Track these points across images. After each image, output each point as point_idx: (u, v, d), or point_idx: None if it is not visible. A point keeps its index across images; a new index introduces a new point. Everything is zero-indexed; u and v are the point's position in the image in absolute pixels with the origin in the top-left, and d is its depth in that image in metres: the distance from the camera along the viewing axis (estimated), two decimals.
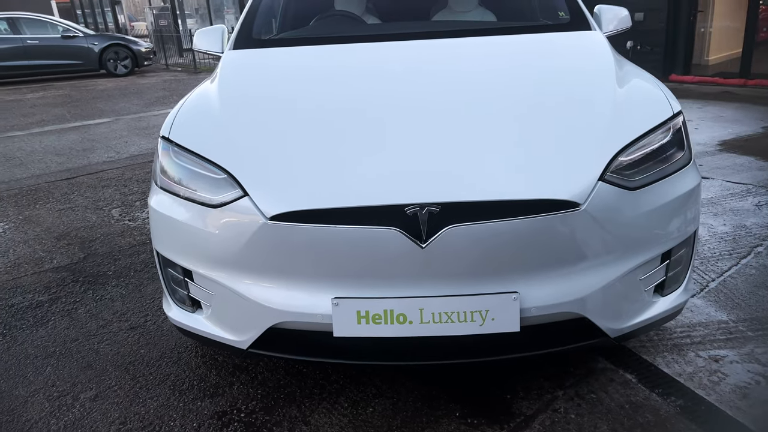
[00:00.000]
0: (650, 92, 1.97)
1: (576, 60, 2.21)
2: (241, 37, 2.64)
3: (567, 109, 1.84)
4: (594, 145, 1.69)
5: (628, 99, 1.90)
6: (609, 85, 1.95)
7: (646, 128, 1.76)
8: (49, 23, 13.15)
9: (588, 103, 1.87)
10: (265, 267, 1.66)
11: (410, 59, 2.25)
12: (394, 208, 1.54)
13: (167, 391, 2.07)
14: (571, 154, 1.66)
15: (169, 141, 1.91)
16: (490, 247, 1.55)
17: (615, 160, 1.66)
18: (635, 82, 2.05)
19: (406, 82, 2.04)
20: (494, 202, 1.54)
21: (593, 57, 2.21)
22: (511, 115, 1.81)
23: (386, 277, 1.59)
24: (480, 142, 1.70)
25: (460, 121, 1.78)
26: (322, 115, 1.88)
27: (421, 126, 1.77)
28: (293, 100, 2.00)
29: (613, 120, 1.78)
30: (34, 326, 2.56)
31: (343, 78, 2.14)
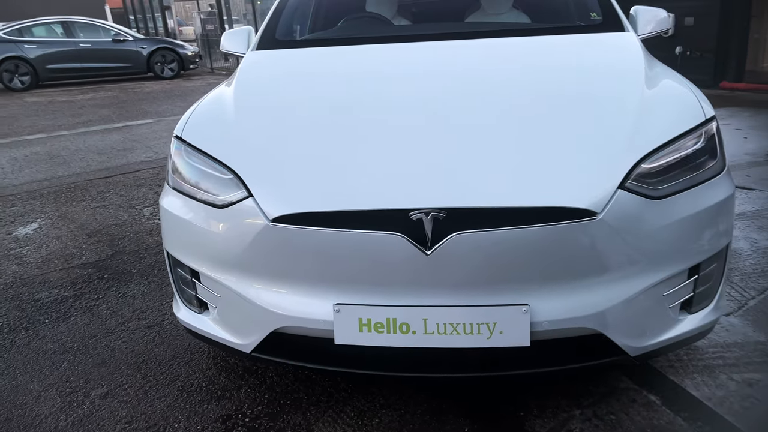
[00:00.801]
0: (681, 95, 1.86)
1: (603, 61, 2.10)
2: (265, 38, 2.63)
3: (589, 112, 1.74)
4: (615, 150, 1.59)
5: (656, 102, 1.79)
6: (636, 86, 1.84)
7: (675, 133, 1.65)
8: (101, 27, 13.61)
9: (612, 106, 1.77)
10: (268, 270, 1.62)
11: (431, 60, 2.19)
12: (398, 212, 1.48)
13: (176, 391, 2.06)
14: (590, 159, 1.57)
15: (182, 140, 1.90)
16: (499, 256, 1.47)
17: (638, 166, 1.56)
18: (666, 83, 1.93)
19: (422, 84, 1.98)
20: (504, 209, 1.46)
21: (622, 58, 2.10)
22: (528, 117, 1.73)
23: (389, 284, 1.53)
24: (493, 145, 1.62)
25: (474, 123, 1.71)
26: (334, 117, 1.84)
27: (433, 129, 1.70)
28: (306, 102, 1.96)
29: (638, 123, 1.68)
30: (57, 321, 2.60)
31: (358, 79, 2.10)
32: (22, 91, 12.51)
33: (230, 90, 2.11)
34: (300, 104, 1.95)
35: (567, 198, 1.47)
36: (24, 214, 4.19)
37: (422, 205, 1.47)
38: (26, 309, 2.74)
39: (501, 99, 1.83)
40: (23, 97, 11.64)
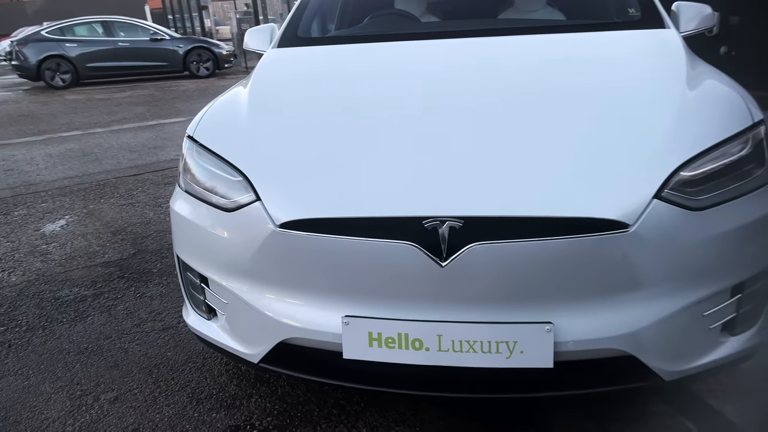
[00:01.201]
0: (726, 97, 1.71)
1: (641, 59, 1.96)
2: (286, 35, 2.56)
3: (624, 114, 1.61)
4: (652, 155, 1.46)
5: (698, 103, 1.65)
6: (677, 87, 1.70)
7: (719, 138, 1.51)
8: (140, 27, 13.84)
9: (650, 107, 1.63)
10: (276, 278, 1.54)
11: (455, 59, 2.08)
12: (411, 221, 1.38)
13: (185, 398, 2.00)
14: (624, 165, 1.44)
15: (194, 140, 1.84)
16: (521, 269, 1.36)
17: (676, 174, 1.42)
18: (709, 84, 1.79)
19: (445, 84, 1.88)
20: (526, 219, 1.35)
21: (661, 56, 1.95)
22: (557, 119, 1.60)
23: (402, 296, 1.43)
24: (517, 149, 1.51)
25: (498, 126, 1.60)
26: (349, 119, 1.75)
27: (453, 132, 1.60)
28: (321, 103, 1.88)
29: (678, 127, 1.54)
30: (74, 321, 2.58)
31: (377, 78, 2.00)
32: (63, 89, 12.80)
33: (246, 89, 2.04)
34: (315, 105, 1.87)
35: (597, 208, 1.35)
36: (53, 211, 4.22)
37: (437, 213, 1.37)
38: (46, 307, 2.73)
39: (529, 100, 1.72)
40: (64, 94, 11.90)
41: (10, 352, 2.35)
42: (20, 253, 3.43)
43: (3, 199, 4.58)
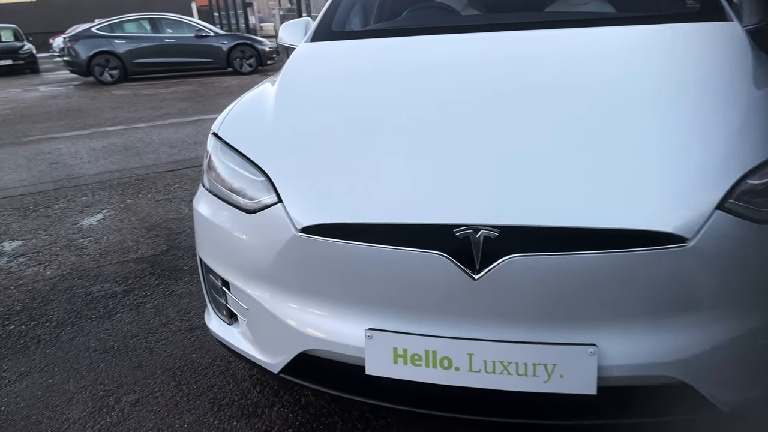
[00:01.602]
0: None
1: (700, 55, 1.79)
2: (320, 29, 2.47)
3: (681, 115, 1.45)
4: (714, 161, 1.31)
5: (766, 104, 1.47)
6: (741, 86, 1.53)
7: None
8: (185, 23, 14.06)
9: (711, 109, 1.47)
10: (297, 285, 1.45)
11: (495, 53, 1.95)
12: (441, 228, 1.26)
13: (206, 404, 1.93)
14: (681, 172, 1.29)
15: (219, 138, 1.76)
16: (563, 286, 1.23)
17: (742, 182, 1.27)
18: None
19: (484, 81, 1.75)
20: (569, 230, 1.22)
21: (723, 51, 1.78)
22: (607, 120, 1.46)
23: (430, 310, 1.32)
24: (559, 153, 1.37)
25: (540, 126, 1.46)
26: (378, 118, 1.63)
27: (490, 133, 1.47)
28: (350, 100, 1.77)
29: (743, 130, 1.38)
30: (102, 318, 2.56)
31: (410, 75, 1.88)
32: (111, 85, 13.12)
33: (273, 87, 1.96)
34: (343, 103, 1.76)
35: (651, 219, 1.21)
36: (92, 205, 4.26)
37: (470, 220, 1.25)
38: (76, 303, 2.72)
39: (576, 98, 1.57)
40: (111, 90, 12.19)
41: (39, 348, 2.34)
42: (57, 247, 3.45)
43: (46, 192, 4.65)
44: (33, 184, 4.92)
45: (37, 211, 4.19)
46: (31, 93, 12.41)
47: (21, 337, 2.43)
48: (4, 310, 2.68)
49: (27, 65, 17.98)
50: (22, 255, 3.35)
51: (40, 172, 5.32)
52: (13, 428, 1.87)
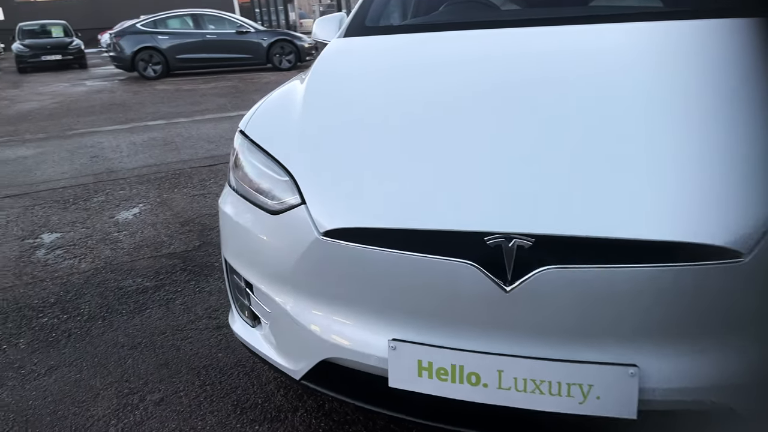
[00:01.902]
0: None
1: (760, 52, 1.65)
2: (354, 24, 2.40)
3: (738, 119, 1.34)
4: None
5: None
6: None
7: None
8: (227, 19, 14.22)
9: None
10: (319, 290, 1.39)
11: (536, 50, 1.85)
12: (471, 236, 1.18)
13: (229, 406, 1.90)
14: (738, 181, 1.18)
15: (245, 136, 1.72)
16: (602, 301, 1.13)
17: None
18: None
19: (519, 79, 1.65)
20: (610, 241, 1.12)
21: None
22: (652, 124, 1.35)
23: (458, 322, 1.24)
24: (601, 158, 1.27)
25: (578, 130, 1.37)
26: (408, 119, 1.56)
27: (526, 136, 1.38)
28: (381, 99, 1.69)
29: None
30: (132, 313, 2.56)
31: (443, 73, 1.79)
32: (154, 80, 13.37)
33: (303, 83, 1.91)
34: (373, 101, 1.69)
35: (700, 232, 1.10)
36: (129, 199, 4.31)
37: (502, 228, 1.16)
38: (108, 297, 2.73)
39: (619, 98, 1.47)
40: (154, 85, 12.42)
41: (69, 342, 2.35)
42: (93, 240, 3.50)
43: (86, 186, 4.74)
44: (74, 177, 5.02)
45: (76, 203, 4.26)
46: (78, 87, 12.75)
47: (53, 330, 2.45)
48: (39, 302, 2.72)
49: (76, 60, 18.49)
50: (59, 247, 3.40)
51: (82, 165, 5.42)
52: (40, 423, 1.87)
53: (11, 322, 2.54)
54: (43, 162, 5.65)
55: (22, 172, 5.31)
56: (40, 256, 3.28)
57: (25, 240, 3.57)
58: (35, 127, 7.79)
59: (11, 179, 5.06)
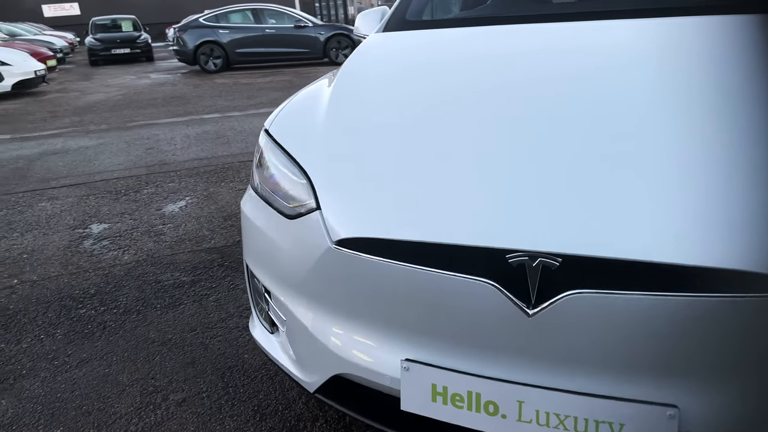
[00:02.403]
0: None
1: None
2: (394, 18, 2.30)
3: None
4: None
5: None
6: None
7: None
8: (286, 14, 14.36)
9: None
10: (333, 302, 1.31)
11: (588, 47, 1.69)
12: (491, 253, 1.07)
13: (249, 411, 1.85)
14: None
15: (269, 134, 1.66)
16: (638, 332, 1.00)
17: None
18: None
19: (562, 81, 1.51)
20: (646, 265, 0.99)
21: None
22: (701, 133, 1.20)
23: (476, 345, 1.13)
24: (641, 172, 1.13)
25: (620, 140, 1.22)
26: (434, 123, 1.44)
27: (560, 146, 1.24)
28: (409, 100, 1.57)
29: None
30: (167, 308, 2.57)
31: (478, 73, 1.65)
32: (214, 73, 13.66)
33: (332, 81, 1.83)
34: (401, 102, 1.57)
35: (753, 259, 0.95)
36: (177, 191, 4.37)
37: (527, 246, 1.05)
38: (145, 290, 2.75)
39: (674, 106, 1.31)
40: (214, 78, 12.69)
41: (103, 335, 2.37)
42: (138, 232, 3.55)
43: (138, 177, 4.84)
44: (128, 168, 5.14)
45: (127, 195, 4.36)
46: (143, 80, 13.18)
47: (89, 321, 2.48)
48: (80, 293, 2.77)
49: (143, 53, 19.15)
50: (105, 238, 3.47)
51: (137, 157, 5.56)
52: (65, 417, 1.88)
53: (52, 311, 2.59)
54: (102, 153, 5.83)
55: (82, 162, 5.50)
56: (86, 246, 3.36)
57: (75, 229, 3.66)
58: (99, 118, 8.07)
59: (71, 169, 5.24)
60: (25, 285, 2.88)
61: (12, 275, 3.01)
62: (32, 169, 5.34)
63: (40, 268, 3.08)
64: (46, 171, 5.22)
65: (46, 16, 33.82)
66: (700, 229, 1.00)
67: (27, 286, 2.86)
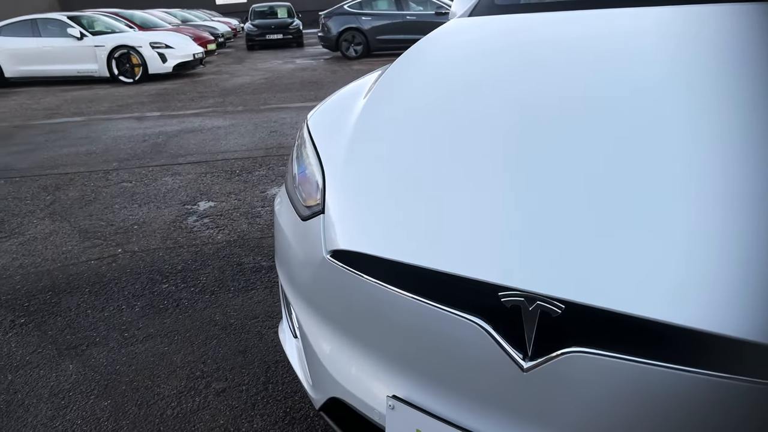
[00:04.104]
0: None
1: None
2: (483, 1, 2.08)
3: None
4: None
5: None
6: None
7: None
8: (429, 1, 14.23)
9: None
10: (332, 318, 1.18)
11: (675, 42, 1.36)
12: (481, 287, 0.87)
13: (281, 413, 1.79)
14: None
15: (308, 127, 1.55)
16: (655, 409, 0.76)
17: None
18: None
19: (636, 88, 1.22)
20: (675, 329, 0.73)
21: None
22: (750, 165, 0.88)
23: (463, 392, 0.94)
24: (680, 214, 0.84)
25: (657, 171, 0.94)
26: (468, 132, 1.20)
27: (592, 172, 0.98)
28: (451, 104, 1.34)
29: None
30: (239, 291, 2.59)
31: (538, 72, 1.35)
32: (354, 60, 13.95)
33: (384, 72, 1.67)
34: (440, 107, 1.35)
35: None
36: (285, 175, 4.46)
37: (522, 285, 0.83)
38: (225, 271, 2.81)
39: (733, 121, 0.99)
40: (352, 65, 12.95)
41: (174, 312, 2.45)
42: (238, 213, 3.66)
43: (254, 159, 5.03)
44: (249, 150, 5.36)
45: (240, 175, 4.53)
46: (288, 65, 13.81)
47: (167, 297, 2.58)
48: (169, 268, 2.89)
49: (294, 39, 20.12)
50: (207, 216, 3.62)
51: (259, 139, 5.78)
52: (115, 391, 1.95)
53: (139, 283, 2.73)
54: (231, 133, 6.15)
55: (211, 141, 5.84)
56: (189, 223, 3.52)
57: (185, 205, 3.87)
58: (239, 99, 8.57)
59: (200, 147, 5.58)
60: (126, 255, 3.07)
61: (119, 244, 3.23)
62: (168, 144, 5.76)
63: (144, 239, 3.28)
64: (178, 147, 5.61)
65: (218, 3, 36.84)
66: (748, 297, 0.72)
67: (127, 257, 3.05)
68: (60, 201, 4.09)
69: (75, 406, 1.88)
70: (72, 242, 3.29)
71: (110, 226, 3.52)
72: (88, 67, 11.70)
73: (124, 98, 9.40)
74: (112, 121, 7.26)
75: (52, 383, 2.00)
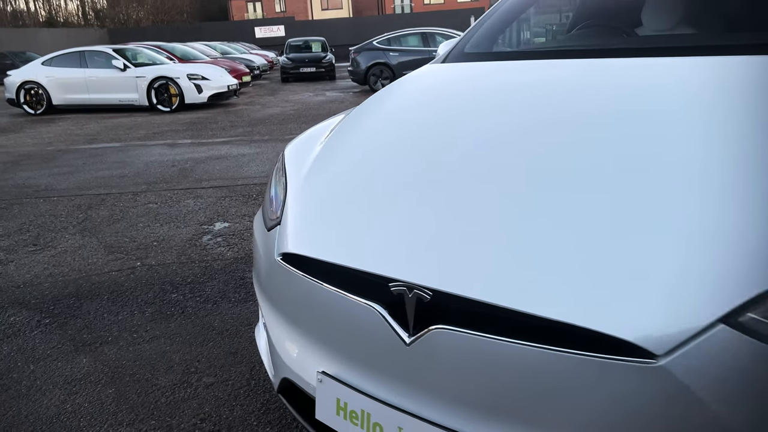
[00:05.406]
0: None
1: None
2: (455, 49, 2.36)
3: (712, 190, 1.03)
4: (741, 258, 0.90)
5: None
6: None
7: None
8: (454, 38, 14.66)
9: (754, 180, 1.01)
10: (283, 310, 1.43)
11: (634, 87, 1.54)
12: (379, 280, 1.12)
13: (258, 404, 2.03)
14: (690, 265, 0.92)
15: (284, 157, 1.84)
16: (496, 376, 0.99)
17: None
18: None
19: (565, 128, 1.44)
20: (510, 313, 0.97)
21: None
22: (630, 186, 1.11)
23: (370, 366, 1.18)
24: (547, 225, 1.08)
25: (548, 192, 1.18)
26: (409, 159, 1.45)
27: (494, 194, 1.22)
28: (397, 134, 1.62)
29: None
30: (239, 302, 2.87)
31: (486, 111, 1.59)
32: None
33: (352, 110, 1.95)
34: (395, 136, 1.61)
35: (611, 321, 0.89)
36: None
37: (405, 276, 1.08)
38: (229, 284, 3.09)
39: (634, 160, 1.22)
40: None
41: (180, 318, 2.73)
42: (249, 233, 3.96)
43: None
44: (268, 175, 5.70)
45: (256, 199, 4.86)
46: (318, 97, 14.35)
47: (175, 305, 2.87)
48: (180, 280, 3.19)
49: (326, 72, 20.80)
50: (221, 236, 3.93)
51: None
52: (119, 382, 2.22)
53: (152, 293, 3.03)
54: (254, 161, 6.53)
55: (234, 167, 6.21)
56: (203, 241, 3.84)
57: (202, 225, 4.19)
58: (266, 129, 9.01)
59: (223, 173, 5.95)
60: (144, 268, 3.39)
61: (138, 258, 3.56)
62: (195, 170, 6.16)
63: (161, 254, 3.60)
64: (203, 172, 5.99)
65: (257, 37, 38.20)
66: (584, 288, 0.95)
67: (145, 269, 3.37)
68: (91, 219, 4.47)
69: (84, 392, 2.16)
70: (97, 255, 3.63)
71: (133, 242, 3.86)
72: (129, 97, 12.40)
73: (159, 126, 9.96)
74: (146, 147, 7.75)
75: (67, 373, 2.29)
